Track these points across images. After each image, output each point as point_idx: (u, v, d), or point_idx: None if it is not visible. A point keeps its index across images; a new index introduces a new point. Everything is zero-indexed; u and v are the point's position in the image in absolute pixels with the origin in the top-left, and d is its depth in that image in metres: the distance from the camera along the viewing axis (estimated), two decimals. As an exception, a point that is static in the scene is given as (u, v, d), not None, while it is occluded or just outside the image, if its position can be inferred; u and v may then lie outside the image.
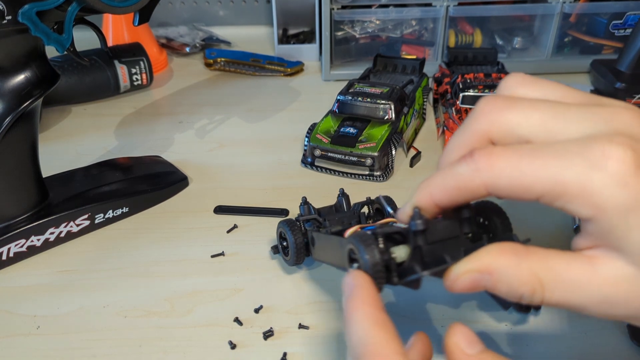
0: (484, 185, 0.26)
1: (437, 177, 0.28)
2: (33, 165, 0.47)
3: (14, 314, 0.42)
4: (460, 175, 0.27)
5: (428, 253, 0.29)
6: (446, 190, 0.28)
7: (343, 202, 0.47)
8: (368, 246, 0.29)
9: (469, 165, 0.26)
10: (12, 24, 0.39)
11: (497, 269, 0.26)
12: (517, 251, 0.26)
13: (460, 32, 0.81)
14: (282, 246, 0.45)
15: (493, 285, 0.26)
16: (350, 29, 0.80)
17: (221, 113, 0.72)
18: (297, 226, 0.43)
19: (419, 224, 0.28)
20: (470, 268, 0.26)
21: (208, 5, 0.98)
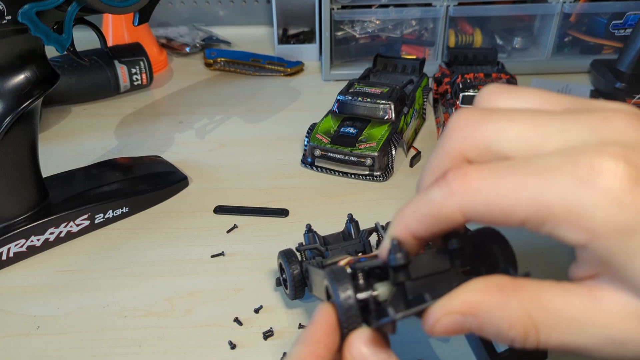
0: (459, 210, 0.23)
1: (411, 205, 0.25)
2: (33, 165, 0.47)
3: (14, 314, 0.42)
4: (433, 202, 0.24)
5: (413, 290, 0.26)
6: (420, 219, 0.25)
7: (352, 229, 0.44)
8: (342, 284, 0.26)
9: (442, 189, 0.23)
10: (12, 24, 0.39)
11: (482, 310, 0.22)
12: (504, 287, 0.23)
13: (460, 32, 0.81)
14: (282, 279, 0.42)
15: (479, 328, 0.23)
16: (350, 29, 0.80)
17: (221, 113, 0.72)
18: (295, 257, 0.40)
19: (398, 257, 0.25)
20: (451, 309, 0.23)
21: (208, 5, 0.98)
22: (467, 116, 0.25)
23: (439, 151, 0.26)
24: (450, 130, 0.26)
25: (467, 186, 0.23)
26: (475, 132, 0.24)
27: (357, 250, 0.41)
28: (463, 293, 0.23)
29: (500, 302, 0.22)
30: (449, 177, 0.23)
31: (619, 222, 0.20)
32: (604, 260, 0.21)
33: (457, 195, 0.23)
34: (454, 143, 0.25)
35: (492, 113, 0.24)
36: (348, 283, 0.25)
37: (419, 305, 0.24)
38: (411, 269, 0.26)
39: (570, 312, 0.22)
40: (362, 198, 0.55)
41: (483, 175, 0.23)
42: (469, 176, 0.23)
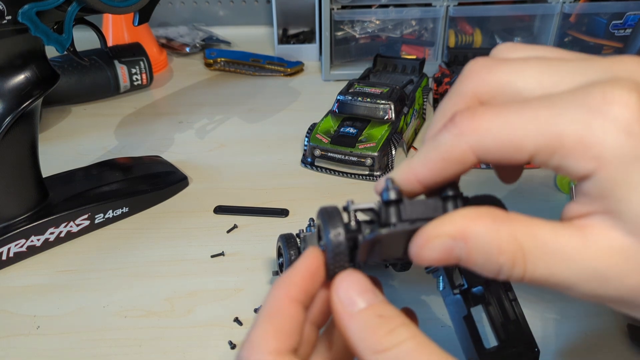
0: (470, 149, 0.23)
1: (420, 151, 0.25)
2: (33, 165, 0.47)
3: (14, 314, 0.42)
4: (443, 145, 0.24)
5: None
6: (429, 164, 0.24)
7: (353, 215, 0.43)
8: (332, 222, 0.25)
9: (451, 131, 0.23)
10: (12, 24, 0.39)
11: (473, 234, 0.22)
12: (497, 216, 0.23)
13: (460, 32, 0.81)
14: (279, 264, 0.42)
15: (467, 255, 0.23)
16: (350, 29, 0.80)
17: (221, 113, 0.72)
18: (294, 241, 0.40)
19: (390, 193, 0.25)
20: (442, 231, 0.23)
21: (208, 5, 0.98)
22: (483, 62, 0.25)
23: (452, 95, 0.26)
24: (464, 74, 0.26)
25: (476, 124, 0.23)
26: (489, 74, 0.24)
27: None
28: (455, 216, 0.23)
29: (492, 228, 0.22)
30: (456, 118, 0.23)
31: (626, 150, 0.20)
32: (605, 190, 0.21)
33: (467, 134, 0.23)
34: (468, 85, 0.25)
35: (507, 60, 0.25)
36: (339, 221, 0.25)
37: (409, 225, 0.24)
38: (402, 209, 0.25)
39: (559, 244, 0.22)
40: (362, 198, 0.55)
41: (493, 112, 0.23)
42: (478, 114, 0.23)
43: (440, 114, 0.26)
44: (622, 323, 0.39)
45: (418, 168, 0.25)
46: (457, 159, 0.24)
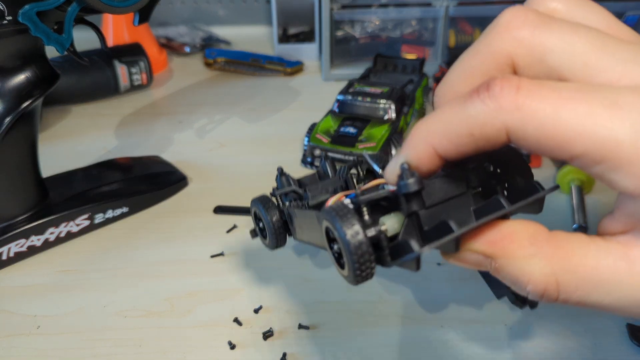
0: (505, 129, 0.20)
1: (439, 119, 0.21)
2: (33, 165, 0.47)
3: (14, 314, 0.42)
4: (474, 118, 0.20)
5: (427, 219, 0.23)
6: (453, 138, 0.21)
7: (327, 168, 0.39)
8: (346, 220, 0.22)
9: (487, 103, 0.20)
10: (12, 24, 0.39)
11: (504, 255, 0.21)
12: (536, 238, 0.20)
13: (460, 32, 0.81)
14: (259, 228, 0.38)
15: (494, 271, 0.21)
16: (350, 29, 0.80)
17: (221, 113, 0.72)
18: (272, 203, 0.36)
19: (410, 183, 0.22)
20: (474, 247, 0.21)
21: (208, 5, 0.98)
22: (524, 15, 0.21)
23: (482, 50, 0.22)
24: (501, 27, 0.22)
25: (520, 104, 0.19)
26: (532, 35, 0.21)
27: (341, 187, 0.36)
28: (492, 234, 0.21)
29: (527, 254, 0.20)
30: (496, 88, 0.20)
31: None
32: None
33: (507, 112, 0.19)
34: (505, 43, 0.21)
35: (554, 20, 0.21)
36: (354, 218, 0.22)
37: (445, 236, 0.21)
38: (424, 195, 0.22)
39: (601, 273, 0.20)
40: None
41: (543, 93, 0.19)
42: (524, 91, 0.19)
43: (462, 71, 0.22)
44: (622, 322, 0.40)
45: (439, 141, 0.21)
46: (487, 137, 0.20)
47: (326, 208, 0.23)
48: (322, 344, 0.39)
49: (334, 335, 0.40)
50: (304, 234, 0.31)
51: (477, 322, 0.40)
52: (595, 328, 0.40)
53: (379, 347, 0.39)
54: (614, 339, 0.39)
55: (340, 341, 0.39)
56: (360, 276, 0.22)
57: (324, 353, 0.39)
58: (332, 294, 0.43)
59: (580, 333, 0.39)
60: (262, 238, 0.38)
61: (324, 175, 0.38)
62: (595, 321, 0.40)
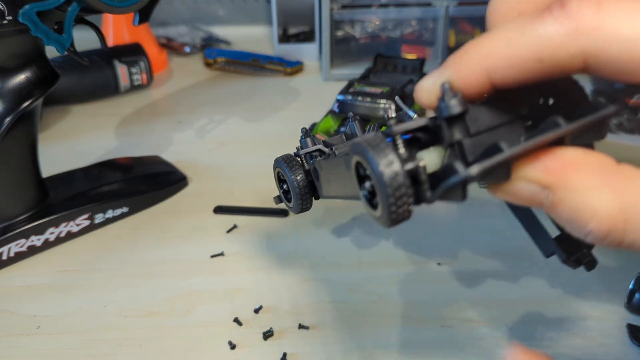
0: (582, 54, 0.17)
1: (500, 39, 0.18)
2: (33, 165, 0.47)
3: (14, 314, 0.42)
4: (545, 39, 0.17)
5: (472, 149, 0.20)
6: (517, 62, 0.18)
7: (355, 128, 0.36)
8: (380, 152, 0.19)
9: (562, 22, 0.17)
10: (12, 24, 0.39)
11: (567, 184, 0.17)
12: (602, 169, 0.17)
13: (460, 32, 0.81)
14: (283, 190, 0.36)
15: (550, 206, 0.18)
16: (350, 29, 0.80)
17: (221, 113, 0.72)
18: (297, 162, 0.34)
19: (453, 105, 0.19)
20: (532, 176, 0.18)
21: (208, 4, 0.98)
22: None
23: None
24: None
25: (602, 22, 0.16)
26: None
27: None
28: (552, 159, 0.18)
29: (592, 186, 0.17)
30: (572, 5, 0.17)
31: None
32: None
33: (587, 34, 0.17)
34: None
35: None
36: (387, 148, 0.19)
37: (495, 155, 0.18)
38: (468, 120, 0.19)
39: None
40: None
41: (630, 6, 0.16)
42: (607, 6, 0.16)
43: None
44: (622, 322, 0.40)
45: (497, 65, 0.18)
46: (559, 64, 0.17)
47: (355, 141, 0.20)
48: (322, 344, 0.39)
49: (334, 335, 0.40)
50: (332, 187, 0.29)
51: (477, 322, 0.40)
52: (595, 328, 0.40)
53: (379, 347, 0.39)
54: (614, 339, 0.39)
55: (340, 341, 0.39)
56: (396, 213, 0.19)
57: (324, 353, 0.39)
58: (332, 294, 0.43)
59: (580, 333, 0.39)
60: (286, 202, 0.36)
61: (351, 136, 0.36)
62: (595, 322, 0.40)
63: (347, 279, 0.45)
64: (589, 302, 0.42)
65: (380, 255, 0.47)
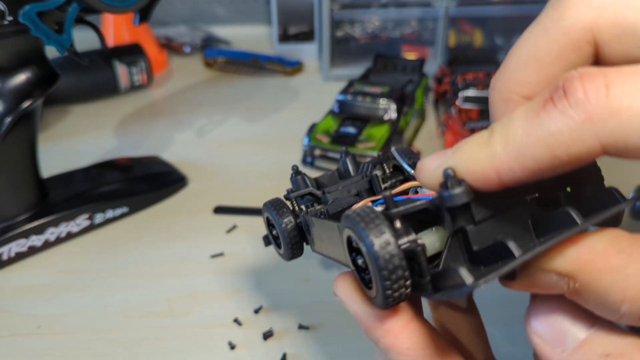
0: (600, 143, 0.15)
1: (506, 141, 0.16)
2: (33, 165, 0.47)
3: (14, 314, 0.42)
4: (555, 135, 0.15)
5: (476, 237, 0.18)
6: (530, 163, 0.16)
7: (348, 165, 0.34)
8: (374, 227, 0.18)
9: (569, 115, 0.15)
10: (12, 24, 0.39)
11: (588, 273, 0.16)
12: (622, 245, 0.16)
13: (460, 32, 0.81)
14: (273, 236, 0.34)
15: (575, 294, 0.17)
16: (350, 29, 0.80)
17: (221, 113, 0.72)
18: (286, 207, 0.32)
19: (458, 195, 0.17)
20: (551, 267, 0.17)
21: (207, 4, 0.98)
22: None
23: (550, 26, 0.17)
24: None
25: (616, 107, 0.15)
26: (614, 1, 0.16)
27: (365, 189, 0.31)
28: (570, 250, 0.16)
29: (616, 265, 0.16)
30: (578, 94, 0.15)
31: None
32: None
33: (600, 123, 0.15)
34: (581, 14, 0.16)
35: None
36: (383, 225, 0.18)
37: (506, 263, 0.16)
38: (473, 208, 0.18)
39: None
40: (362, 198, 0.55)
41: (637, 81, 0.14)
42: (616, 89, 0.15)
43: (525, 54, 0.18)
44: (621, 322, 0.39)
45: (507, 164, 0.16)
46: (576, 156, 0.16)
47: (348, 212, 0.19)
48: (322, 344, 0.39)
49: (334, 335, 0.40)
50: (323, 246, 0.27)
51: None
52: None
53: (379, 347, 0.39)
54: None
55: (340, 341, 0.39)
56: (392, 297, 0.18)
57: (324, 353, 0.39)
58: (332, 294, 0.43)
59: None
60: (276, 247, 0.34)
61: (344, 174, 0.34)
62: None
63: (347, 279, 0.45)
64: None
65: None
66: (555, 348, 0.17)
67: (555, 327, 0.17)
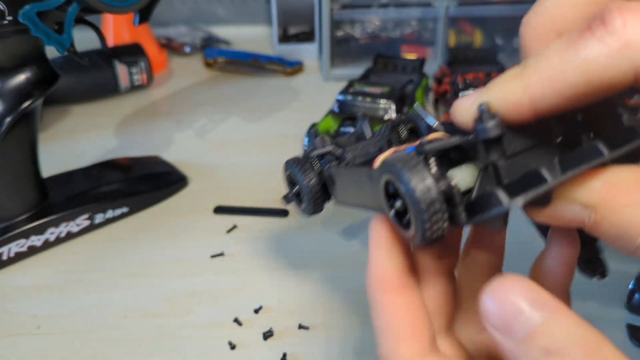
0: (634, 70, 0.16)
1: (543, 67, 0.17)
2: (33, 165, 0.47)
3: (14, 314, 0.42)
4: (592, 61, 0.16)
5: (507, 171, 0.19)
6: (565, 88, 0.17)
7: (365, 128, 0.35)
8: (414, 169, 0.19)
9: (607, 42, 0.16)
10: (12, 24, 0.39)
11: (608, 206, 0.17)
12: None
13: (460, 32, 0.81)
14: (294, 193, 0.35)
15: (594, 226, 0.18)
16: (350, 29, 0.80)
17: (221, 113, 0.72)
18: (309, 165, 0.33)
19: (491, 127, 0.18)
20: (576, 197, 0.17)
21: (208, 4, 0.98)
22: None
23: None
24: None
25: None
26: None
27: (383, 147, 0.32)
28: (594, 182, 0.17)
29: (637, 200, 0.17)
30: (616, 22, 0.16)
31: None
32: None
33: (636, 49, 0.16)
34: None
35: None
36: (424, 170, 0.19)
37: (538, 185, 0.17)
38: (505, 142, 0.19)
39: None
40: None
41: None
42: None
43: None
44: (622, 322, 0.40)
45: (541, 92, 0.18)
46: (610, 83, 0.17)
47: (389, 159, 0.20)
48: (322, 344, 0.39)
49: (334, 335, 0.40)
50: (349, 196, 0.29)
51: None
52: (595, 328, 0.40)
53: (379, 347, 0.39)
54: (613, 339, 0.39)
55: (340, 341, 0.39)
56: (431, 237, 0.19)
57: (324, 353, 0.39)
58: (332, 294, 0.43)
59: (580, 333, 0.39)
60: (297, 204, 0.36)
61: (361, 137, 0.35)
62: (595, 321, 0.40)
63: (347, 279, 0.45)
64: (588, 302, 0.42)
65: (380, 255, 0.47)
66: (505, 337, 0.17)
67: (509, 308, 0.17)
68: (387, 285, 0.21)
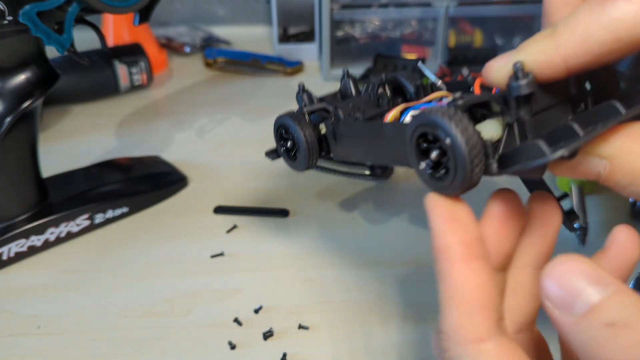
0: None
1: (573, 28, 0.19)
2: (33, 165, 0.47)
3: (14, 314, 0.42)
4: (621, 20, 0.18)
5: (532, 127, 0.21)
6: (595, 46, 0.18)
7: (350, 86, 0.36)
8: (456, 119, 0.20)
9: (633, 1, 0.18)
10: (12, 24, 0.39)
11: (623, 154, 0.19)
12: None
13: (460, 32, 0.81)
14: (286, 148, 0.36)
15: (609, 175, 0.19)
16: (350, 29, 0.80)
17: (221, 113, 0.72)
18: (305, 119, 0.34)
19: (524, 85, 0.20)
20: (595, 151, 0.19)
21: (208, 4, 0.98)
22: None
23: None
24: None
25: None
26: None
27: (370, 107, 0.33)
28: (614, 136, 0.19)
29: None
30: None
31: None
32: None
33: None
34: None
35: None
36: (465, 119, 0.20)
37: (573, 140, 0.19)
38: (533, 100, 0.21)
39: None
40: (363, 198, 0.55)
41: None
42: None
43: None
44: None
45: (572, 50, 0.19)
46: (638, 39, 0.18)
47: (425, 112, 0.21)
48: (322, 344, 0.39)
49: (334, 335, 0.40)
50: (354, 151, 0.29)
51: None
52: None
53: (379, 347, 0.39)
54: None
55: (340, 341, 0.39)
56: (470, 183, 0.21)
57: (324, 353, 0.39)
58: (332, 294, 0.43)
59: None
60: (288, 159, 0.36)
61: (346, 94, 0.36)
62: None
63: (347, 279, 0.45)
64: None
65: (380, 255, 0.47)
66: (563, 312, 0.17)
67: (569, 288, 0.17)
68: (453, 254, 0.20)
